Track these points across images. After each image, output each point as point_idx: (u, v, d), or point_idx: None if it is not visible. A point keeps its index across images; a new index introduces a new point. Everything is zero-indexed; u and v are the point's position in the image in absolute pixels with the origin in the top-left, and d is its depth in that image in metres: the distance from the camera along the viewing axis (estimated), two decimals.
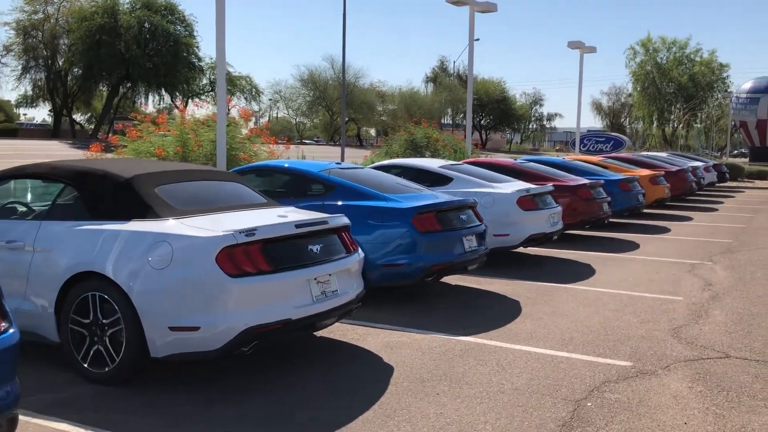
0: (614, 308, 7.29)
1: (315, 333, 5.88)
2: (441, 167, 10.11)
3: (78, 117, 71.16)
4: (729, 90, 58.88)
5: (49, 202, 5.32)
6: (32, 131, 61.43)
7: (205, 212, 5.03)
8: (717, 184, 27.59)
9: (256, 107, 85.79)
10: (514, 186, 9.80)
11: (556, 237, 10.14)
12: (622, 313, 7.08)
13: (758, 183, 32.72)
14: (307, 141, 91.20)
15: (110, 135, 14.60)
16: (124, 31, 47.14)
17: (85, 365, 4.72)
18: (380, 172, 8.65)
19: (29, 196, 6.02)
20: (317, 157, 13.72)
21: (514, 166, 12.43)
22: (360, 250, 5.73)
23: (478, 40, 72.38)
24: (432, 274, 7.02)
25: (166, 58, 48.29)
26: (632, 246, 11.88)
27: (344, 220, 5.54)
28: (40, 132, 60.85)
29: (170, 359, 4.53)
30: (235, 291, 4.43)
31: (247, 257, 4.52)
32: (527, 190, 9.60)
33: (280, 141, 16.31)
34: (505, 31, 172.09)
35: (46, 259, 4.90)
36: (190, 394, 4.61)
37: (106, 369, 4.64)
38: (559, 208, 10.30)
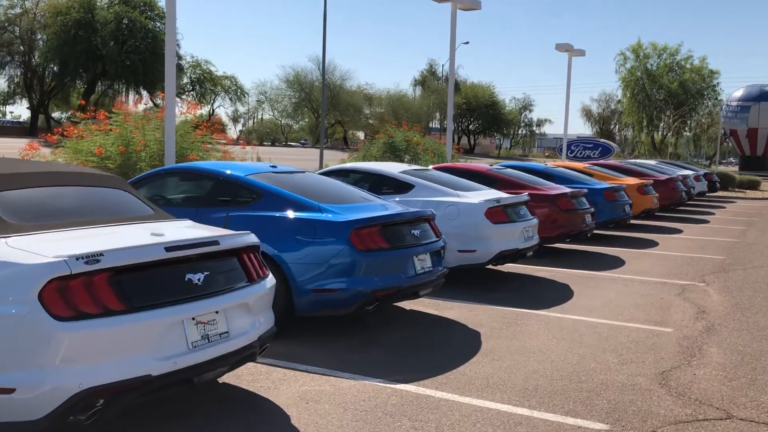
0: (592, 343, 6.14)
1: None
2: (401, 173, 8.94)
3: (58, 114, 69.60)
4: (719, 98, 58.27)
5: None
6: (7, 128, 59.80)
7: (54, 228, 3.83)
8: (707, 194, 26.59)
9: (242, 108, 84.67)
10: (482, 195, 8.64)
11: (531, 253, 8.99)
12: (600, 350, 5.92)
13: (749, 193, 31.76)
14: (293, 143, 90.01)
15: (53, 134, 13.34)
16: (100, 27, 45.75)
17: None
18: (324, 178, 7.46)
19: None
20: (287, 161, 12.57)
21: (488, 172, 11.28)
22: (270, 276, 4.54)
23: (467, 43, 71.30)
24: (374, 302, 5.83)
25: (144, 55, 46.86)
26: (617, 263, 10.75)
27: (248, 240, 4.34)
28: (15, 129, 59.24)
29: None
30: (65, 339, 3.23)
31: (88, 292, 3.33)
32: (497, 200, 8.44)
33: (236, 141, 15.05)
34: (496, 37, 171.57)
35: None
36: None
37: None
38: (535, 221, 9.15)
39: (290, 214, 5.90)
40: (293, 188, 6.28)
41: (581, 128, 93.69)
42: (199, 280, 3.83)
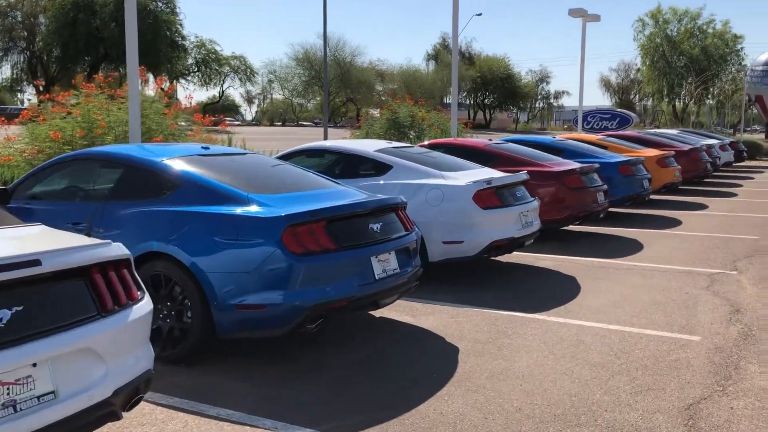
0: (598, 360, 4.87)
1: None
2: (377, 151, 7.66)
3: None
4: (743, 63, 55.89)
5: None
6: (15, 115, 59.11)
7: None
8: (734, 164, 24.94)
9: (254, 89, 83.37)
10: (471, 176, 7.34)
11: (530, 242, 7.70)
12: (608, 371, 4.66)
13: None
14: (305, 123, 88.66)
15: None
16: (99, 9, 44.51)
17: None
18: (273, 162, 6.20)
19: None
20: (288, 141, 11.34)
21: (485, 148, 9.96)
22: (146, 300, 3.32)
23: (480, 15, 69.32)
24: (316, 318, 4.58)
25: (146, 37, 45.34)
26: (633, 247, 9.41)
27: (104, 253, 3.11)
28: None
29: None
30: None
31: None
32: (488, 181, 7.13)
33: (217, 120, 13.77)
34: (511, 7, 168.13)
35: None
36: None
37: None
38: (536, 203, 7.84)
39: (208, 208, 4.66)
40: (220, 175, 5.03)
41: (600, 99, 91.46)
42: (1, 320, 2.62)
